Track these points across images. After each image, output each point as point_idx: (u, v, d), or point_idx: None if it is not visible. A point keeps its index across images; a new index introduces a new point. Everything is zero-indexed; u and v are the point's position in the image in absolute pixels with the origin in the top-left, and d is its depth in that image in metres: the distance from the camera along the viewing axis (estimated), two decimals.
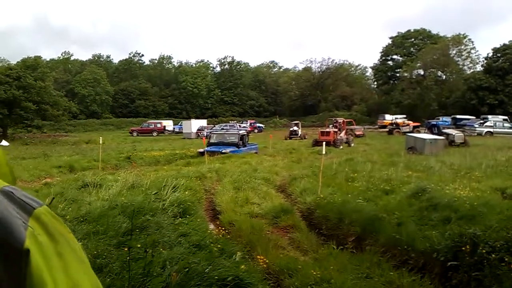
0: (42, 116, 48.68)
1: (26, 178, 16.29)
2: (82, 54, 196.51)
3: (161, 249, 6.16)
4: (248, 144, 29.50)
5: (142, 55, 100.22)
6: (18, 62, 52.07)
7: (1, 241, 0.59)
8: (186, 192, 11.29)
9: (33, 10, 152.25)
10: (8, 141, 40.89)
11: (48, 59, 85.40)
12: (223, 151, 25.38)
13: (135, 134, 58.46)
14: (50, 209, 0.69)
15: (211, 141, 28.65)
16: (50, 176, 17.56)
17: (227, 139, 28.46)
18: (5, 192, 0.64)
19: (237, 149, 26.41)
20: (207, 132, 48.94)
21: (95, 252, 6.13)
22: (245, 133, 30.43)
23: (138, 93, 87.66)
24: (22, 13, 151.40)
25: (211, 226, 9.28)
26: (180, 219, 8.67)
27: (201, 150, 26.27)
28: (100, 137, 23.71)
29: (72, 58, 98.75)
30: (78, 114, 76.19)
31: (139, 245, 5.88)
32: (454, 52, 72.29)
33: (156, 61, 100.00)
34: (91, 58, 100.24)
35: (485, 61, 64.77)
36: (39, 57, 53.95)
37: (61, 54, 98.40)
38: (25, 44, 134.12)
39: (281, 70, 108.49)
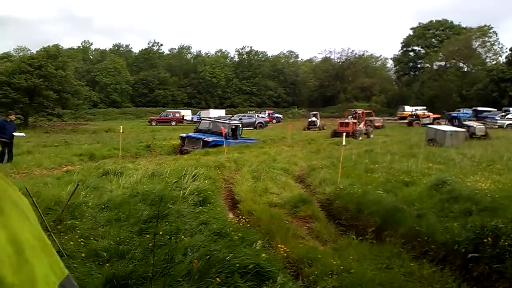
0: (63, 105, 49.20)
1: (48, 166, 16.49)
2: (102, 44, 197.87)
3: (183, 237, 6.24)
4: (243, 138, 28.08)
5: (161, 45, 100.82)
6: (39, 51, 52.52)
7: None
8: (206, 181, 11.37)
9: (48, 1, 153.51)
10: (29, 129, 41.54)
11: (68, 48, 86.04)
12: (205, 139, 24.15)
13: (154, 123, 58.74)
14: None
15: (199, 127, 27.30)
16: (71, 163, 17.77)
17: (217, 127, 26.27)
18: None
19: (224, 140, 24.09)
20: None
21: (118, 239, 6.23)
22: (239, 126, 28.44)
23: (157, 82, 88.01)
24: (44, 3, 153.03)
25: (230, 215, 9.35)
26: (200, 207, 8.75)
27: (183, 135, 25.84)
28: (120, 126, 23.93)
29: (92, 47, 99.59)
30: (99, 103, 76.96)
31: (160, 232, 5.96)
32: (477, 43, 71.19)
33: (175, 51, 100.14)
34: (111, 47, 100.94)
35: (509, 53, 63.59)
36: (59, 46, 54.37)
37: (81, 44, 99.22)
38: (46, 33, 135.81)
39: (299, 60, 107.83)
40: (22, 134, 20.38)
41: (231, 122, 28.12)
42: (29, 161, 16.56)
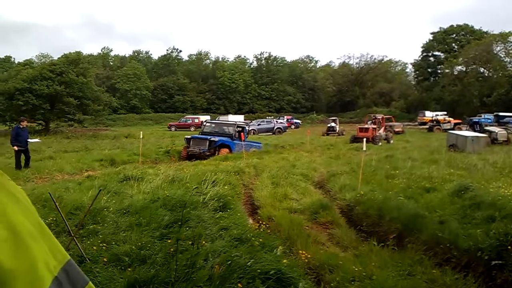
0: (84, 111, 49.72)
1: (69, 171, 16.72)
2: (122, 50, 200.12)
3: (204, 242, 6.26)
4: (250, 141, 27.48)
5: (180, 51, 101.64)
6: (60, 57, 53.23)
7: None
8: (226, 187, 11.39)
9: (72, 7, 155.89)
10: (50, 135, 42.11)
11: (88, 55, 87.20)
12: (211, 139, 23.73)
13: (173, 129, 59.13)
14: None
15: (204, 130, 26.77)
16: (92, 169, 17.97)
17: (222, 129, 26.63)
18: None
19: (230, 140, 24.56)
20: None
21: (139, 244, 6.28)
22: (245, 127, 27.97)
23: (176, 88, 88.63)
24: (67, 9, 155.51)
25: (250, 221, 9.35)
26: (220, 213, 8.76)
27: (188, 136, 25.48)
28: (140, 132, 24.12)
29: (112, 54, 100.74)
30: (119, 109, 77.69)
31: (182, 237, 5.98)
32: (498, 48, 70.36)
33: (194, 57, 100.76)
34: (131, 54, 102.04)
35: None
36: (80, 52, 55.02)
37: (101, 50, 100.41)
38: (69, 40, 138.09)
39: (318, 65, 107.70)
40: (36, 140, 20.68)
41: (237, 123, 27.76)
42: (51, 166, 16.78)
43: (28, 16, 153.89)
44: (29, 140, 16.85)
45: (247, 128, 28.31)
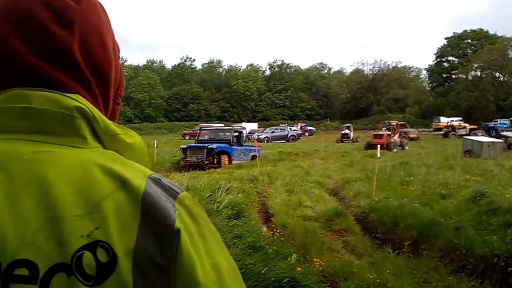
0: None
1: None
2: (137, 59, 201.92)
3: None
4: (248, 145, 26.50)
5: (194, 60, 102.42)
6: None
7: (158, 222, 0.65)
8: (239, 195, 11.43)
9: None
10: None
11: None
12: (209, 146, 22.74)
13: (187, 137, 59.27)
14: (190, 195, 0.74)
15: (199, 138, 25.84)
16: None
17: (218, 135, 25.57)
18: (153, 178, 0.70)
19: (228, 146, 23.68)
20: (258, 135, 49.28)
21: None
22: (243, 132, 26.49)
23: (190, 97, 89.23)
24: None
25: (264, 229, 9.34)
26: (234, 221, 8.77)
27: (184, 146, 24.47)
28: (155, 140, 24.23)
29: (126, 64, 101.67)
30: (133, 119, 78.35)
31: None
32: None
33: (206, 65, 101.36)
34: (145, 63, 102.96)
35: None
36: None
37: None
38: None
39: (331, 72, 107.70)
40: None
41: (234, 128, 26.77)
42: None
43: None
44: None
45: (244, 132, 27.14)
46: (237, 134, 25.43)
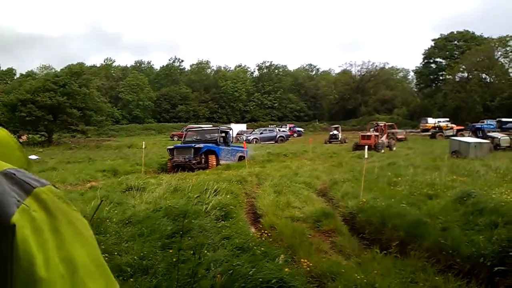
0: (86, 122, 49.91)
1: (72, 182, 16.68)
2: (126, 60, 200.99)
3: (206, 251, 6.26)
4: (235, 146, 26.50)
5: (182, 61, 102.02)
6: (63, 69, 53.53)
7: None
8: (228, 196, 11.40)
9: (79, 18, 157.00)
10: (53, 146, 42.19)
11: (90, 66, 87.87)
12: (196, 146, 22.53)
13: (176, 138, 59.07)
14: (55, 189, 0.72)
15: (186, 139, 25.67)
16: (95, 179, 17.96)
17: (205, 136, 25.33)
18: (6, 173, 0.68)
19: (216, 146, 23.40)
20: (246, 136, 49.24)
21: (141, 254, 6.28)
22: (229, 132, 26.34)
23: (179, 98, 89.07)
24: (72, 21, 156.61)
25: (253, 230, 9.32)
26: (222, 222, 8.76)
27: (170, 147, 24.34)
28: (143, 142, 24.11)
29: (114, 65, 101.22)
30: (121, 119, 78.00)
31: (184, 247, 5.99)
32: (499, 53, 70.49)
33: (195, 66, 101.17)
34: (133, 64, 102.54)
35: None
36: (83, 64, 55.34)
37: (104, 61, 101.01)
38: (71, 51, 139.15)
39: (320, 73, 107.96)
40: (35, 156, 20.64)
41: (221, 128, 26.37)
42: (53, 177, 16.73)
43: (36, 28, 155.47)
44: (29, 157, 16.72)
45: (231, 132, 26.79)
46: (223, 134, 25.25)
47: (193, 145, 22.88)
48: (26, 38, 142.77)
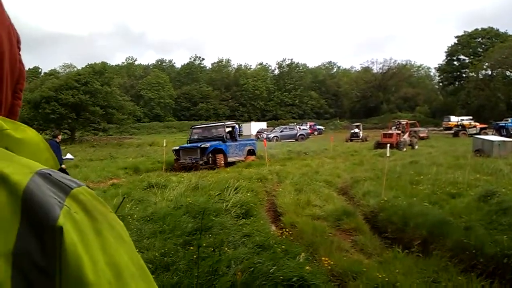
0: (108, 120, 50.47)
1: (94, 179, 16.91)
2: (148, 59, 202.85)
3: (226, 249, 6.27)
4: (242, 140, 26.16)
5: (203, 59, 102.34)
6: (85, 67, 54.11)
7: (36, 220, 0.60)
8: (248, 194, 11.41)
9: (106, 17, 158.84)
10: (76, 143, 42.73)
11: (113, 65, 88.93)
12: (202, 146, 21.84)
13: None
14: (90, 190, 0.70)
15: (191, 137, 24.82)
16: (116, 177, 18.17)
17: (211, 132, 24.44)
18: (42, 174, 0.65)
19: (222, 143, 22.72)
20: (267, 135, 49.21)
21: (163, 251, 6.32)
22: (235, 126, 25.63)
23: (199, 96, 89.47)
24: (99, 20, 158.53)
25: (273, 228, 9.32)
26: (243, 220, 8.79)
27: (176, 148, 23.56)
28: (164, 140, 24.23)
29: (136, 63, 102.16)
30: (142, 118, 78.67)
31: (204, 244, 6.02)
32: None
33: (216, 65, 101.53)
34: (154, 62, 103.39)
35: None
36: (106, 63, 56.02)
37: (125, 60, 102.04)
38: (95, 50, 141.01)
39: (340, 71, 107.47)
40: (70, 156, 20.81)
41: (226, 123, 25.35)
42: (76, 175, 16.92)
43: (64, 27, 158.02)
44: (65, 157, 16.51)
45: (237, 127, 26.28)
46: (230, 129, 24.52)
47: (199, 145, 22.17)
48: (54, 37, 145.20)
